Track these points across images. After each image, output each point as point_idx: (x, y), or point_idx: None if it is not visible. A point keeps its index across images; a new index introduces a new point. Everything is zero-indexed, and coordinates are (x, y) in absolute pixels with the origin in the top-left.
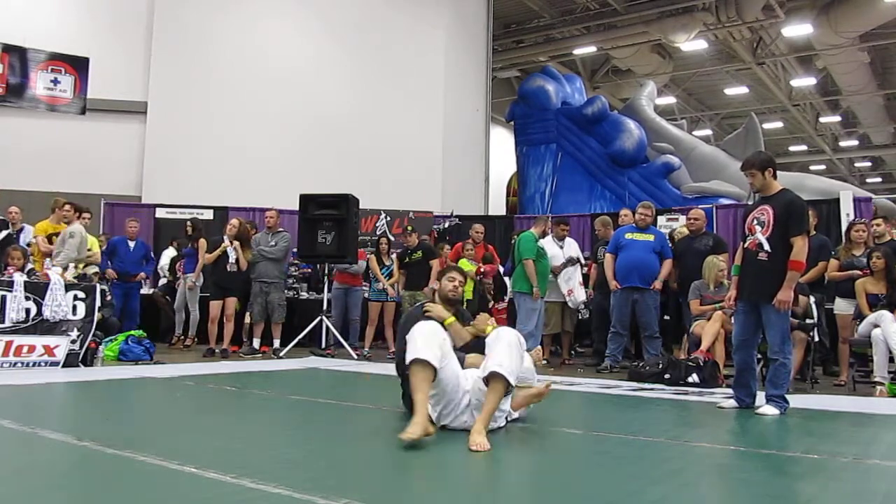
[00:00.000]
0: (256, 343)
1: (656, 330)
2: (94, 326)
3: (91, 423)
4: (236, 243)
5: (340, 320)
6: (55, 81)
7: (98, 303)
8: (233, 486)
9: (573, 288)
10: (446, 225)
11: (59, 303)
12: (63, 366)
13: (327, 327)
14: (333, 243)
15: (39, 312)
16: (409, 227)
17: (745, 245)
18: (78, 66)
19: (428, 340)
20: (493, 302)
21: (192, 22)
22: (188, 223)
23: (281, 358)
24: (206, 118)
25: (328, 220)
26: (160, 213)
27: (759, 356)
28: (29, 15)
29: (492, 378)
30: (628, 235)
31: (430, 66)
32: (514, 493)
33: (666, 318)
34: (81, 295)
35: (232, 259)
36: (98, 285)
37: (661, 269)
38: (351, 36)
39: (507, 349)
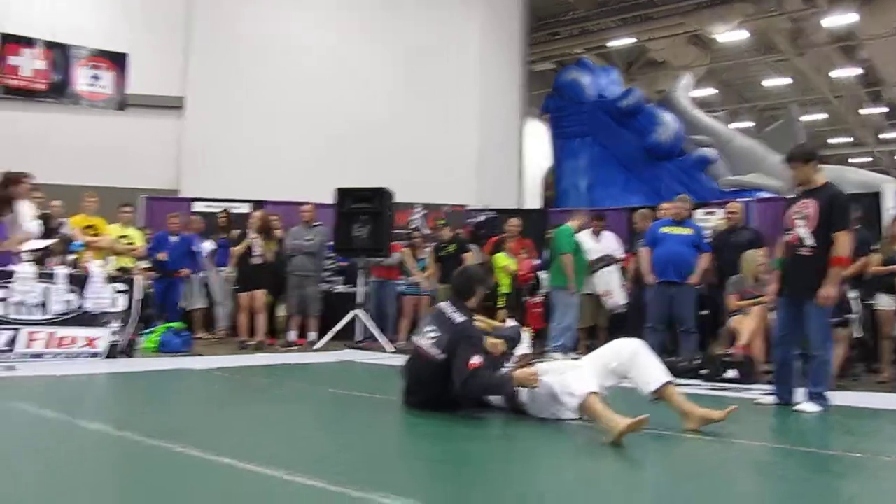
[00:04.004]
0: (292, 336)
1: (693, 325)
2: (134, 318)
3: (130, 414)
4: (258, 236)
5: (376, 313)
6: (95, 77)
7: (138, 295)
8: (268, 477)
9: (612, 290)
10: (481, 218)
11: (100, 295)
12: (105, 357)
13: (362, 320)
14: (368, 237)
15: (81, 304)
16: (442, 221)
17: (787, 239)
18: (117, 62)
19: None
20: (527, 296)
21: (229, 18)
22: (222, 214)
23: (316, 350)
24: (243, 112)
25: (363, 213)
26: (197, 207)
27: (800, 352)
28: (71, 13)
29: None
30: (664, 229)
31: (464, 60)
32: (556, 492)
33: (703, 312)
34: (122, 287)
35: (256, 252)
36: (137, 278)
37: (698, 263)
38: (385, 31)
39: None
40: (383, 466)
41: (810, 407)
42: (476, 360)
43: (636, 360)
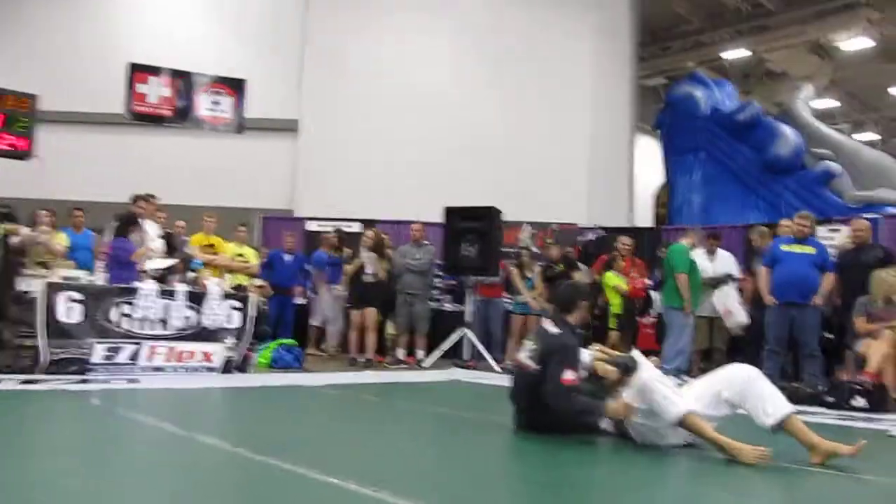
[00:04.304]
0: (401, 353)
1: (817, 348)
2: (249, 335)
3: (242, 429)
4: (372, 254)
5: (482, 332)
6: (216, 103)
7: (253, 312)
8: (373, 499)
9: (731, 308)
10: (591, 237)
11: (217, 312)
12: (220, 371)
13: (470, 339)
14: (477, 255)
15: (199, 320)
16: (549, 240)
17: None
18: (236, 87)
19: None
20: (639, 317)
21: (341, 42)
22: (334, 233)
23: (425, 369)
24: (354, 134)
25: (472, 232)
26: (311, 226)
27: None
28: (192, 42)
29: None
30: (785, 247)
31: (575, 77)
32: None
33: (828, 336)
34: (237, 304)
35: (369, 270)
36: (252, 295)
37: (821, 284)
38: (495, 50)
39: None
40: (487, 489)
41: None
42: (569, 375)
43: (752, 389)
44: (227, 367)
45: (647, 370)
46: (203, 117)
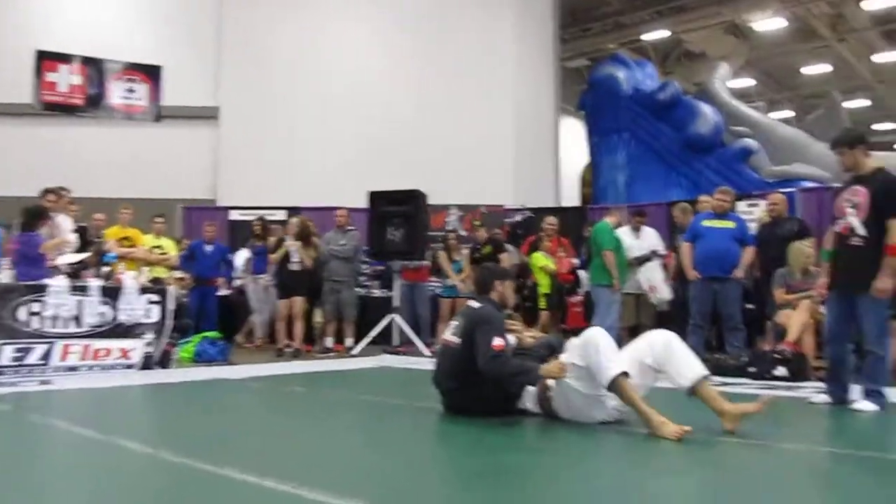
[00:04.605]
0: (329, 342)
1: (739, 321)
2: (168, 329)
3: (161, 428)
4: (297, 242)
5: (410, 317)
6: (130, 91)
7: (173, 305)
8: (289, 496)
9: (656, 285)
10: (518, 218)
11: (134, 306)
12: (139, 368)
13: (399, 325)
14: (403, 240)
15: (115, 316)
16: (478, 222)
17: (837, 229)
18: (152, 74)
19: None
20: (568, 295)
21: (260, 26)
22: (256, 221)
23: (353, 356)
24: (276, 120)
25: (397, 216)
26: (234, 216)
27: (854, 347)
28: (104, 27)
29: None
30: (706, 223)
31: (497, 58)
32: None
33: (748, 306)
34: (155, 298)
35: (295, 258)
36: (171, 288)
37: (742, 257)
38: (417, 31)
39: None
40: (413, 479)
41: (867, 406)
42: (498, 341)
43: (670, 352)
44: (147, 364)
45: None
46: (116, 106)
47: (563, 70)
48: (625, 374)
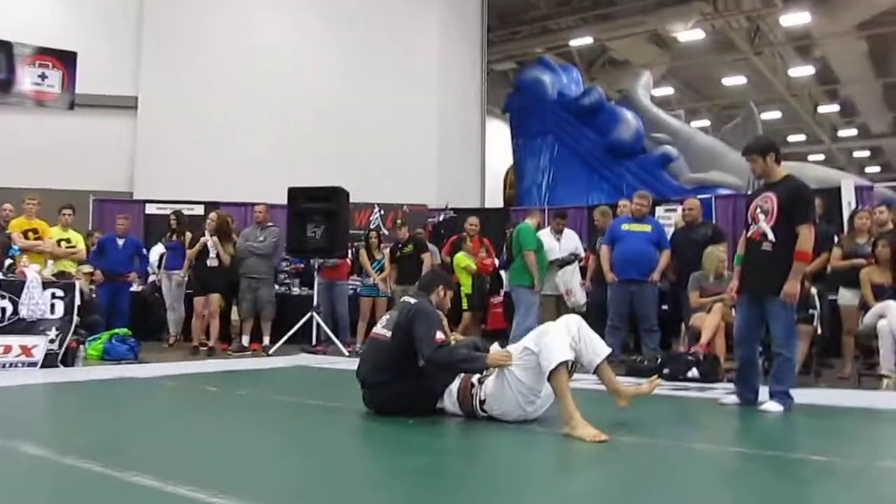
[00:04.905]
0: (245, 340)
1: (655, 323)
2: (73, 325)
3: (61, 430)
4: (215, 238)
5: (329, 316)
6: (42, 76)
7: (78, 301)
8: (188, 499)
9: (573, 288)
10: (441, 218)
11: (37, 301)
12: (41, 366)
13: (318, 323)
14: (323, 237)
15: (16, 311)
16: (400, 221)
17: (749, 234)
18: (66, 60)
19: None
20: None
21: (183, 14)
22: (172, 216)
23: (270, 355)
24: (198, 112)
25: (318, 213)
26: (150, 209)
27: (762, 350)
28: (14, 8)
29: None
30: (625, 226)
31: (424, 57)
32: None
33: (664, 307)
34: (60, 293)
35: (213, 254)
36: (77, 283)
37: (658, 261)
38: (343, 27)
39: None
40: (323, 481)
41: (774, 406)
42: (440, 335)
43: (584, 333)
44: (50, 362)
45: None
46: (27, 92)
47: (490, 72)
48: (567, 364)
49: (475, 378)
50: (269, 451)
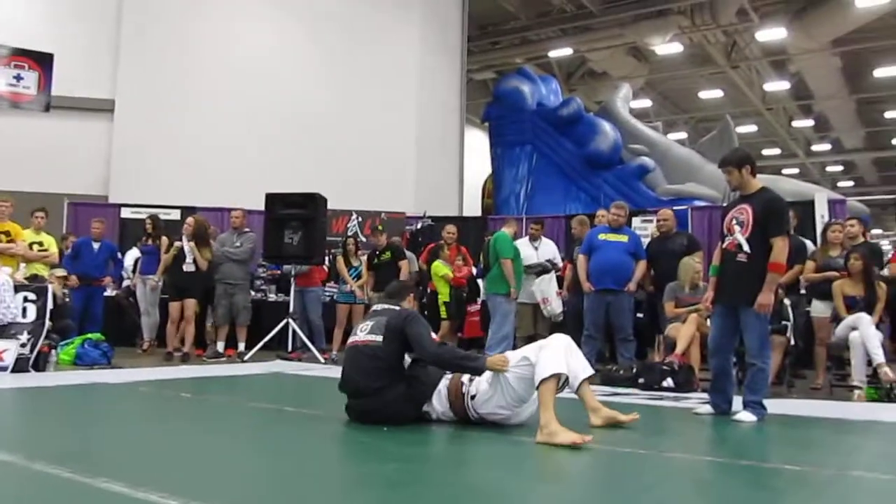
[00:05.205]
0: (220, 346)
1: (630, 333)
2: (45, 330)
3: (30, 436)
4: (192, 243)
5: (304, 323)
6: (18, 78)
7: (50, 305)
8: None
9: (549, 297)
10: (419, 226)
11: (8, 305)
12: (12, 371)
13: (293, 330)
14: (300, 244)
15: None
16: (380, 227)
17: (724, 245)
18: (42, 62)
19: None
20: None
21: (162, 18)
22: (147, 220)
23: (245, 362)
24: (175, 117)
25: (295, 219)
26: (125, 213)
27: (736, 360)
28: None
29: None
30: (602, 236)
31: (404, 65)
32: None
33: (639, 315)
34: (32, 297)
35: (189, 259)
36: (50, 286)
37: (635, 271)
38: (323, 34)
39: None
40: (294, 489)
41: (747, 416)
42: (435, 337)
43: (573, 350)
44: (21, 366)
45: None
46: (2, 93)
47: (469, 81)
48: (558, 377)
49: (465, 377)
50: (242, 457)
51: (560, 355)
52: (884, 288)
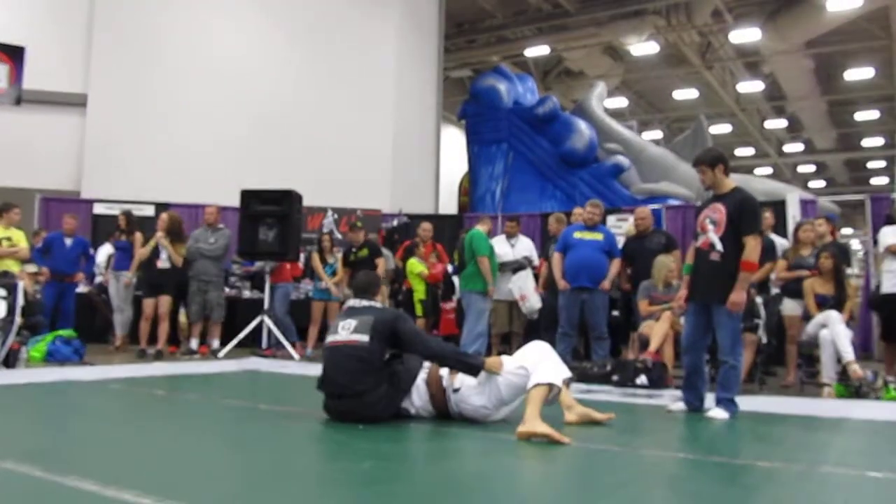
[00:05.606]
0: (194, 343)
1: (605, 331)
2: (15, 326)
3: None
4: (167, 239)
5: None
6: None
7: (21, 301)
8: None
9: (527, 294)
10: (395, 223)
11: None
12: None
13: (268, 327)
14: (275, 240)
15: None
16: (358, 224)
17: (697, 244)
18: (13, 55)
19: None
20: (441, 302)
21: (136, 12)
22: (121, 215)
23: (219, 359)
24: (149, 111)
25: (270, 216)
26: (98, 209)
27: (709, 357)
28: None
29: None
30: (577, 234)
31: (380, 62)
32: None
33: (614, 313)
34: (2, 293)
35: (163, 255)
36: (20, 283)
37: (609, 269)
38: (299, 30)
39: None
40: (263, 488)
41: (719, 413)
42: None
43: (549, 357)
44: None
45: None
46: None
47: (446, 79)
48: (553, 386)
49: (444, 371)
50: (215, 456)
51: (560, 369)
52: (853, 286)
